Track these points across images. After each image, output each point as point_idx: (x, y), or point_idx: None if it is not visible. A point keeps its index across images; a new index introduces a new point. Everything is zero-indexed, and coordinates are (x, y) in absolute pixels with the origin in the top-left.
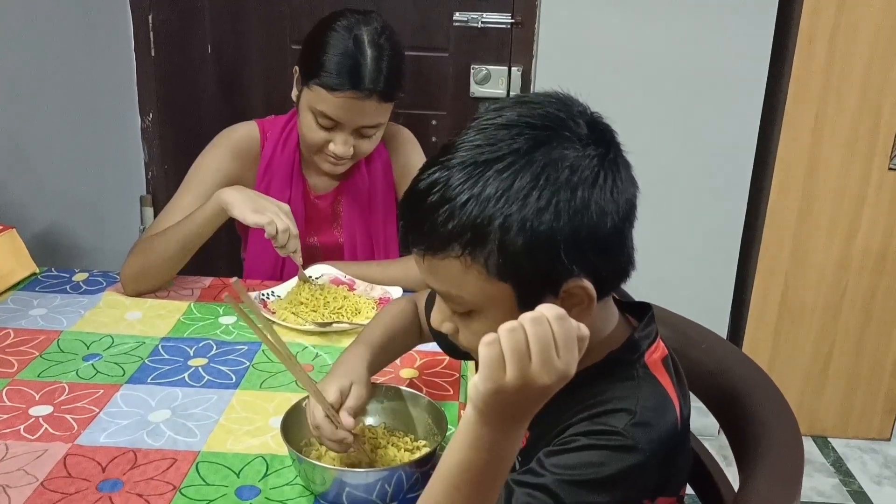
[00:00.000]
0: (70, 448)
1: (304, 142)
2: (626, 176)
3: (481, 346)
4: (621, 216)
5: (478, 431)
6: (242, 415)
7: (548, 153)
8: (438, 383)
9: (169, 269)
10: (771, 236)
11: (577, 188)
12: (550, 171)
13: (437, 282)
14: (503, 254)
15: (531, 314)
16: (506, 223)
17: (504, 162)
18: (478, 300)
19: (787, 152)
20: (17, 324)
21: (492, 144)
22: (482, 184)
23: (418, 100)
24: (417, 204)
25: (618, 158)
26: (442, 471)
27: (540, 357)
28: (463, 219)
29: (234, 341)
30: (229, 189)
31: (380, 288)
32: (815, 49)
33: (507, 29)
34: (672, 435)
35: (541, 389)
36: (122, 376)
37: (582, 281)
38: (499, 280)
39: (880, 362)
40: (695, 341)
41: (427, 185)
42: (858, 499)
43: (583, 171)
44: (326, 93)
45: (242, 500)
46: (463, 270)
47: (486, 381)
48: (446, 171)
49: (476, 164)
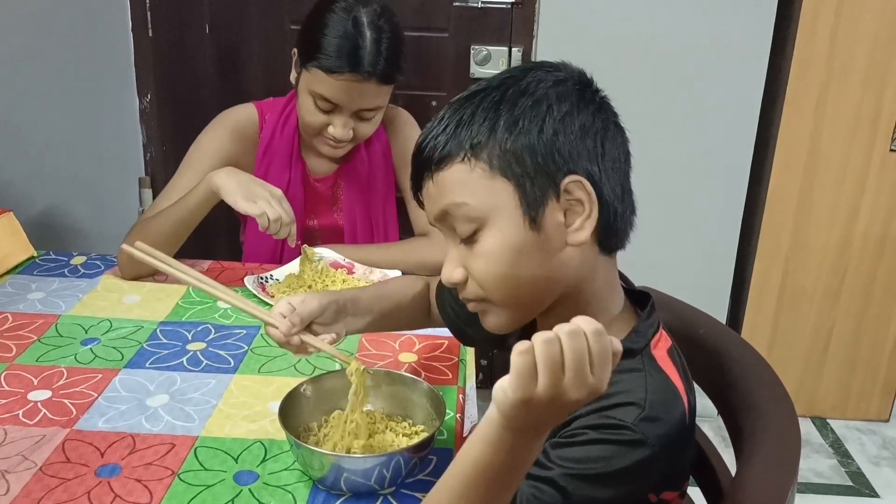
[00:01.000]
0: (69, 433)
1: (303, 125)
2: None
3: (515, 354)
4: (610, 137)
5: (500, 434)
6: (241, 399)
7: (537, 74)
8: (437, 368)
9: (166, 251)
10: (771, 220)
11: (565, 97)
12: (539, 83)
13: (444, 196)
14: (502, 148)
15: (569, 327)
16: (499, 124)
17: (495, 83)
18: (483, 205)
19: (787, 136)
20: (16, 308)
21: (487, 80)
22: (476, 103)
23: (418, 81)
24: (420, 144)
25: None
26: (459, 465)
27: (574, 371)
28: (461, 133)
29: (233, 325)
30: (221, 172)
31: (379, 271)
32: (816, 31)
33: (508, 9)
34: (680, 429)
35: (570, 403)
36: (120, 361)
37: (580, 178)
38: (502, 176)
39: (879, 344)
40: (693, 325)
41: (429, 127)
42: (856, 479)
43: (568, 91)
44: (325, 75)
45: (241, 484)
46: (468, 172)
47: (516, 390)
48: (444, 110)
49: (473, 92)
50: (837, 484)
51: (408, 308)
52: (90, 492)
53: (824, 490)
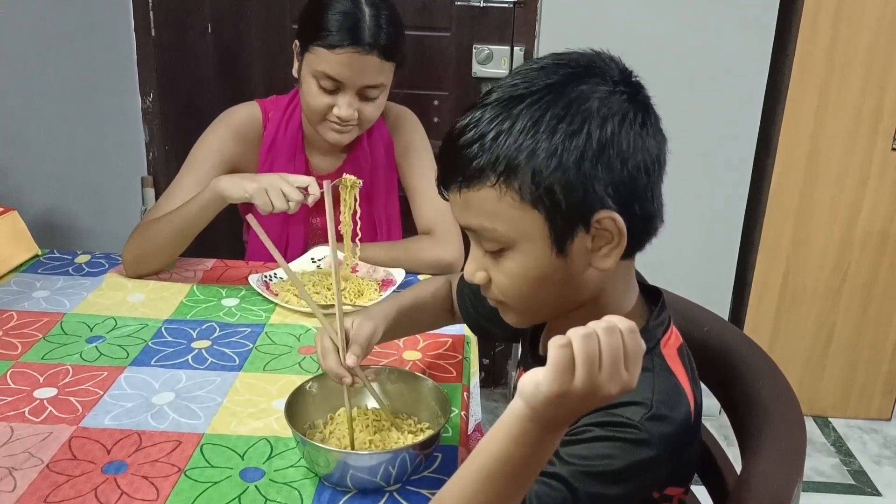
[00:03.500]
0: (75, 430)
1: (307, 110)
2: (655, 122)
3: (553, 348)
4: (650, 156)
5: (525, 427)
6: (246, 397)
7: (579, 87)
8: (442, 365)
9: (168, 254)
10: (773, 218)
11: (607, 119)
12: (581, 102)
13: (472, 215)
14: (535, 181)
15: (604, 324)
16: (537, 150)
17: (537, 95)
18: (511, 232)
19: (789, 135)
20: (21, 306)
21: (527, 82)
22: (515, 115)
23: (420, 80)
24: (453, 142)
25: (647, 103)
26: (478, 460)
27: (610, 367)
28: (497, 150)
29: (237, 323)
30: (225, 177)
31: (382, 270)
32: (818, 30)
33: (510, 9)
34: (685, 429)
35: (603, 399)
36: (125, 359)
37: (612, 213)
38: (532, 208)
39: (881, 343)
40: (697, 323)
41: (463, 125)
42: (858, 478)
43: (612, 105)
44: (327, 52)
45: (247, 481)
46: (497, 199)
47: (552, 383)
48: (481, 109)
49: (511, 98)
50: (839, 483)
51: (434, 310)
52: (97, 489)
53: (826, 489)
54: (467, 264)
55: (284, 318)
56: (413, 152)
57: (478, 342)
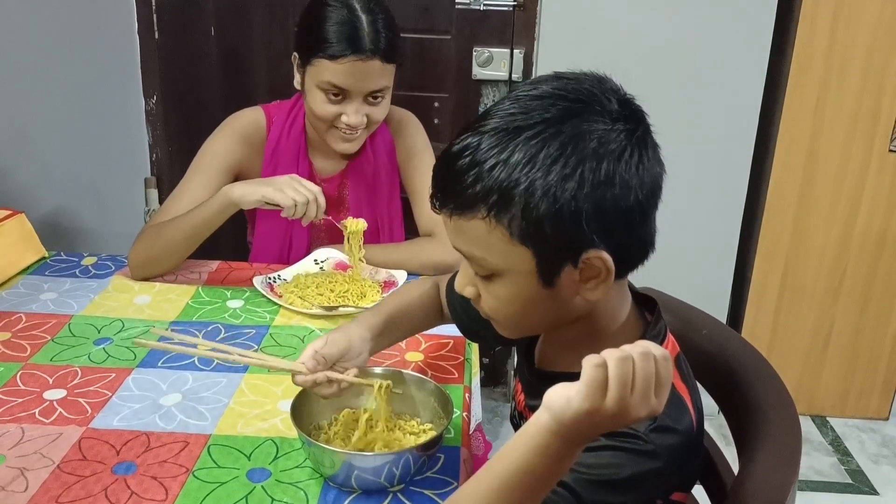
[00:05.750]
0: (84, 431)
1: (315, 121)
2: (652, 155)
3: (589, 367)
4: (645, 193)
5: (548, 440)
6: (252, 398)
7: (577, 125)
8: (443, 367)
9: (175, 258)
10: (771, 219)
11: (603, 160)
12: (578, 142)
13: (463, 242)
14: (526, 218)
15: (640, 349)
16: (530, 189)
17: (534, 130)
18: (499, 263)
19: (787, 135)
20: (29, 308)
21: (525, 113)
22: (511, 149)
23: (421, 82)
24: (448, 166)
25: (646, 137)
26: (497, 470)
27: (642, 391)
28: (490, 182)
29: (242, 325)
30: (236, 184)
31: (384, 271)
32: (816, 31)
33: (510, 11)
34: (689, 438)
35: (630, 421)
36: (133, 360)
37: (601, 253)
38: (521, 244)
39: (879, 343)
40: (695, 326)
41: (459, 149)
42: (856, 477)
43: (609, 144)
44: (330, 62)
45: (253, 482)
46: (487, 232)
47: (584, 401)
48: (478, 136)
49: (507, 130)
50: (837, 482)
51: (423, 313)
52: (107, 489)
53: (824, 488)
54: (458, 277)
55: (289, 320)
56: (415, 155)
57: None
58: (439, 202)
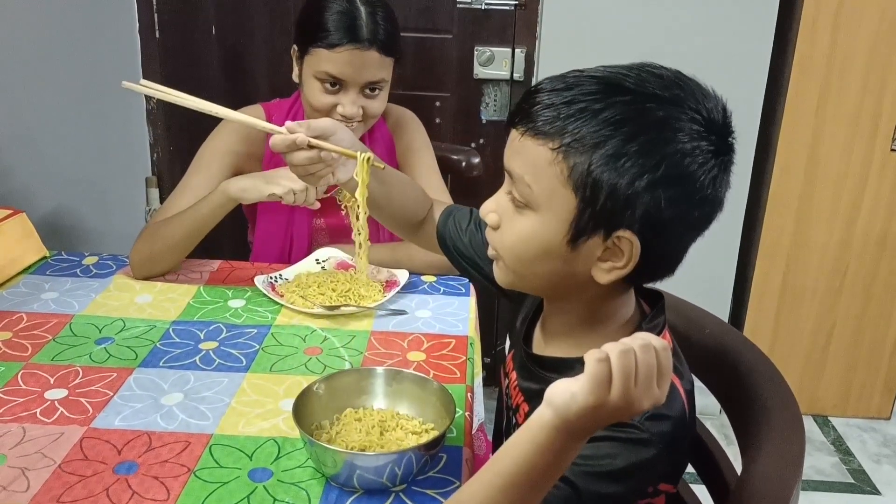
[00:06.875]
0: (86, 431)
1: (311, 111)
2: (724, 185)
3: (592, 361)
4: (702, 212)
5: (552, 436)
6: (253, 398)
7: (679, 116)
8: (446, 366)
9: (176, 256)
10: (772, 219)
11: (685, 159)
12: (671, 131)
13: (519, 163)
14: (590, 168)
15: (640, 341)
16: (608, 144)
17: (639, 98)
18: (543, 198)
19: (788, 135)
20: (30, 308)
21: (640, 80)
22: (609, 103)
23: (422, 81)
24: (546, 90)
25: (728, 166)
26: (499, 466)
27: (645, 383)
28: (575, 125)
29: (244, 324)
30: (233, 179)
31: (386, 271)
32: (818, 31)
33: (511, 11)
34: (681, 425)
35: (634, 413)
36: (134, 360)
37: (635, 238)
38: (572, 189)
39: (880, 343)
40: (697, 325)
41: (565, 78)
42: (858, 477)
43: (697, 150)
44: (327, 52)
45: (255, 482)
46: (548, 163)
47: (588, 395)
48: (587, 78)
49: (617, 86)
50: (839, 481)
51: (409, 203)
52: (109, 489)
53: (825, 487)
54: (488, 201)
55: (290, 319)
56: (415, 153)
57: (479, 343)
58: (520, 116)
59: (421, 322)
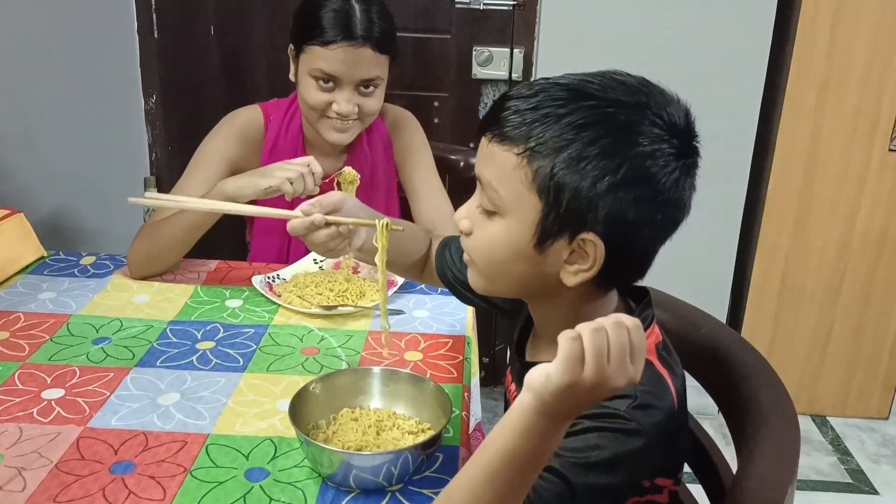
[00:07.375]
0: (82, 431)
1: (306, 109)
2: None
3: (564, 340)
4: (665, 215)
5: (532, 420)
6: (250, 398)
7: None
8: (443, 366)
9: (174, 255)
10: (771, 219)
11: (645, 162)
12: (633, 135)
13: (488, 168)
14: (552, 171)
15: (612, 320)
16: (570, 148)
17: (602, 103)
18: (509, 203)
19: (787, 135)
20: (27, 307)
21: (603, 86)
22: (573, 108)
23: (421, 81)
24: (513, 96)
25: (691, 170)
26: (485, 456)
27: (617, 360)
28: (538, 129)
29: (241, 324)
30: (230, 178)
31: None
32: (816, 31)
33: (510, 11)
34: (671, 417)
35: (609, 391)
36: (131, 360)
37: (599, 240)
38: (536, 194)
39: (879, 343)
40: (695, 325)
41: (530, 86)
42: (856, 477)
43: (658, 153)
44: (322, 49)
45: (252, 481)
46: (513, 168)
47: (562, 374)
48: (552, 84)
49: (580, 92)
50: (837, 481)
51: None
52: (105, 488)
53: (824, 487)
54: (461, 207)
55: (288, 319)
56: (413, 153)
57: (477, 342)
58: (488, 125)
59: (418, 322)
